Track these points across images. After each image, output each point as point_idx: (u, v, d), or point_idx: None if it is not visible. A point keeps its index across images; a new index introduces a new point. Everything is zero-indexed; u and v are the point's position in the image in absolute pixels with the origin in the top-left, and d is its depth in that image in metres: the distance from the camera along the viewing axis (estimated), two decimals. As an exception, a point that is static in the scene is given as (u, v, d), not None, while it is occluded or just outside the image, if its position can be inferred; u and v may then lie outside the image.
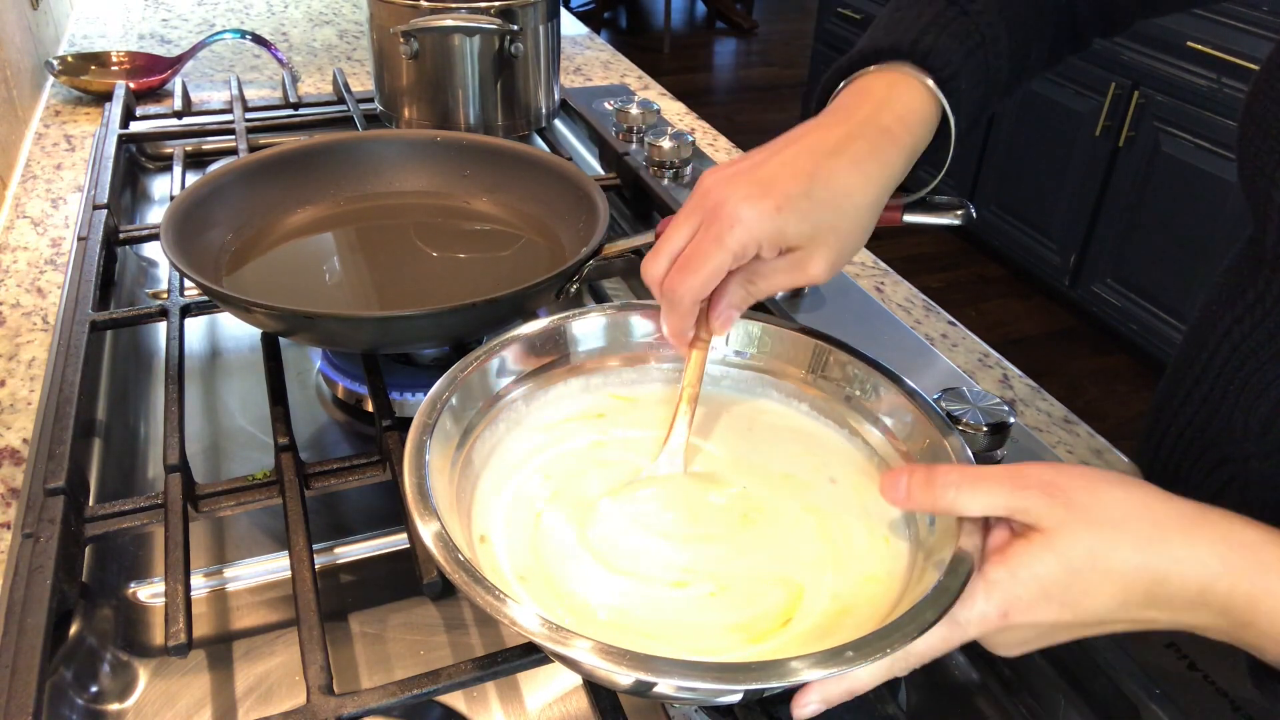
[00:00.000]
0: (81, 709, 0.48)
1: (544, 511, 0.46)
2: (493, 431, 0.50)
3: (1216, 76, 2.04)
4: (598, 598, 0.42)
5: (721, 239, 0.46)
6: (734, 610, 0.42)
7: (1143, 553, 0.37)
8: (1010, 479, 0.40)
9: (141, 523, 0.52)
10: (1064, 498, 0.39)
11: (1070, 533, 0.38)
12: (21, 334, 0.73)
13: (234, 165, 0.72)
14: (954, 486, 0.40)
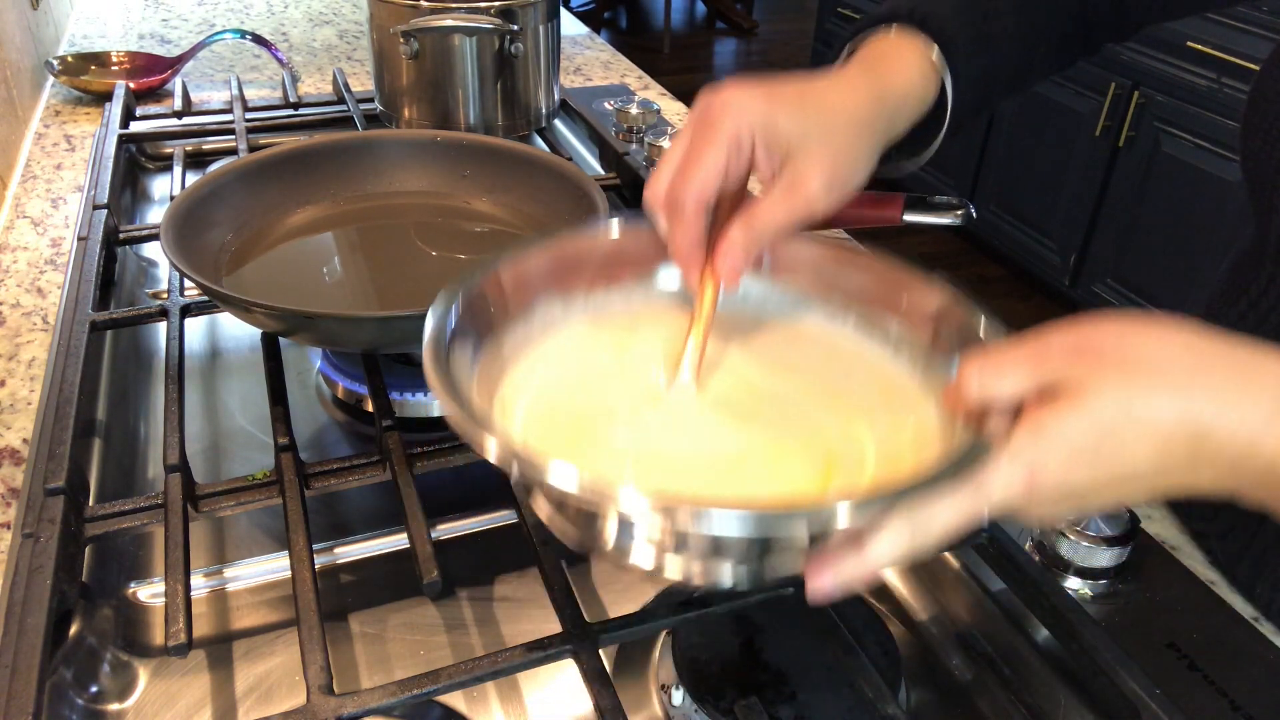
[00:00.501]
0: (81, 709, 0.48)
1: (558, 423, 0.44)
2: (525, 328, 0.48)
3: (1216, 76, 2.04)
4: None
5: (715, 129, 0.45)
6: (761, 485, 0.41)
7: (1184, 401, 0.34)
8: (1034, 356, 0.36)
9: (141, 523, 0.52)
10: (1092, 355, 0.35)
11: (1099, 389, 0.34)
12: (21, 334, 0.73)
13: (234, 165, 0.72)
14: (976, 374, 0.37)
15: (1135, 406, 0.34)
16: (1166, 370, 0.34)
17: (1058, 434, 0.35)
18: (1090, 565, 0.53)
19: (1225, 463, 0.34)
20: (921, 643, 0.55)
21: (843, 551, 0.36)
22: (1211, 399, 0.34)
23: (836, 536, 0.37)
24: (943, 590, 0.57)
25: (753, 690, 0.48)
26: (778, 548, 0.37)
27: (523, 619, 0.55)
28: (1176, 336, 0.35)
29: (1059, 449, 0.35)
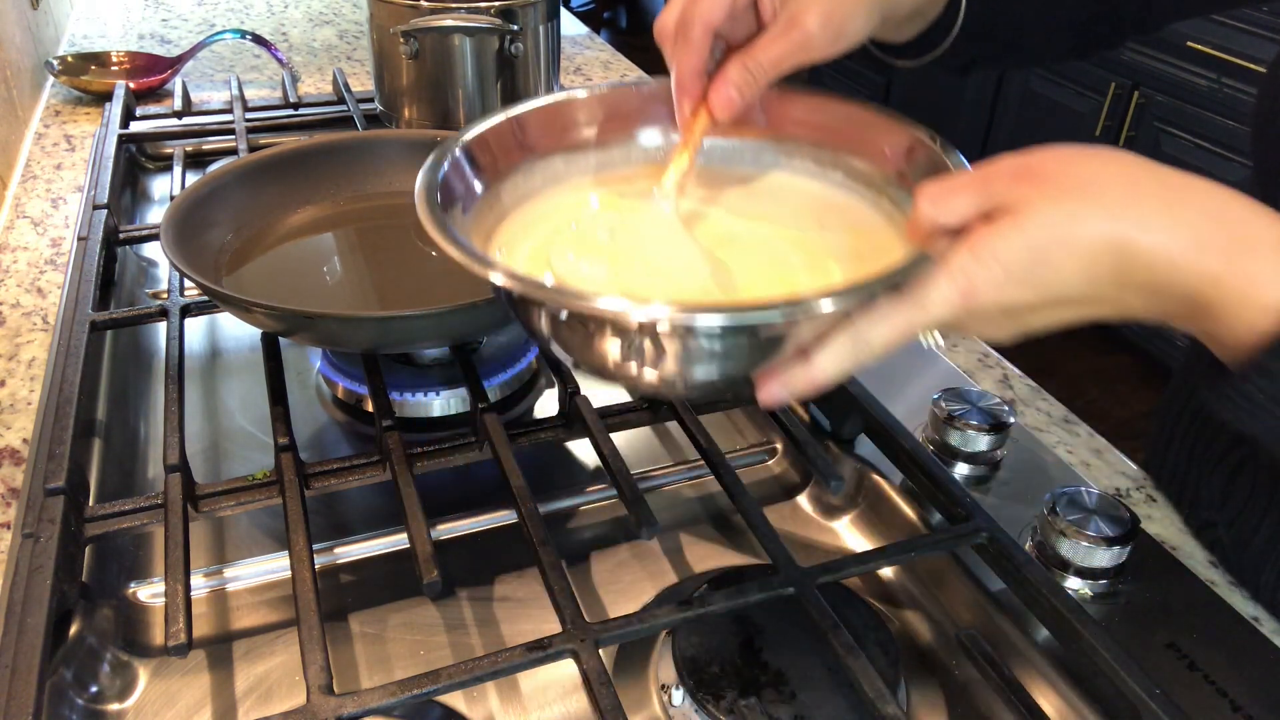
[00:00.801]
0: (81, 709, 0.48)
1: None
2: (527, 180, 0.50)
3: (1216, 76, 2.04)
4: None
5: None
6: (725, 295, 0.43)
7: (1113, 222, 0.35)
8: (980, 180, 0.38)
9: (141, 523, 0.52)
10: (1032, 177, 0.37)
11: (1035, 208, 0.36)
12: (21, 334, 0.73)
13: (234, 165, 0.72)
14: (928, 199, 0.38)
15: (1066, 226, 0.35)
16: (1099, 193, 0.35)
17: (993, 252, 0.36)
18: (1090, 565, 0.53)
19: (1149, 284, 0.36)
20: (921, 643, 0.55)
21: (791, 363, 0.39)
22: (1138, 221, 0.35)
23: (786, 350, 0.39)
24: (943, 590, 0.57)
25: (753, 690, 0.48)
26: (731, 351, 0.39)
27: (523, 619, 0.55)
28: (1114, 163, 0.36)
29: (994, 266, 0.36)
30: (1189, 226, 0.35)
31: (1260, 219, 0.35)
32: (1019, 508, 0.59)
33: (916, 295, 0.37)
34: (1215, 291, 0.35)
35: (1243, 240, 0.34)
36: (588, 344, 0.41)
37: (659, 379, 0.41)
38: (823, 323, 0.38)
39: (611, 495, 0.64)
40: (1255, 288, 0.34)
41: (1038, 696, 0.49)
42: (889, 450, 0.59)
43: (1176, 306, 0.36)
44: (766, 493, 0.66)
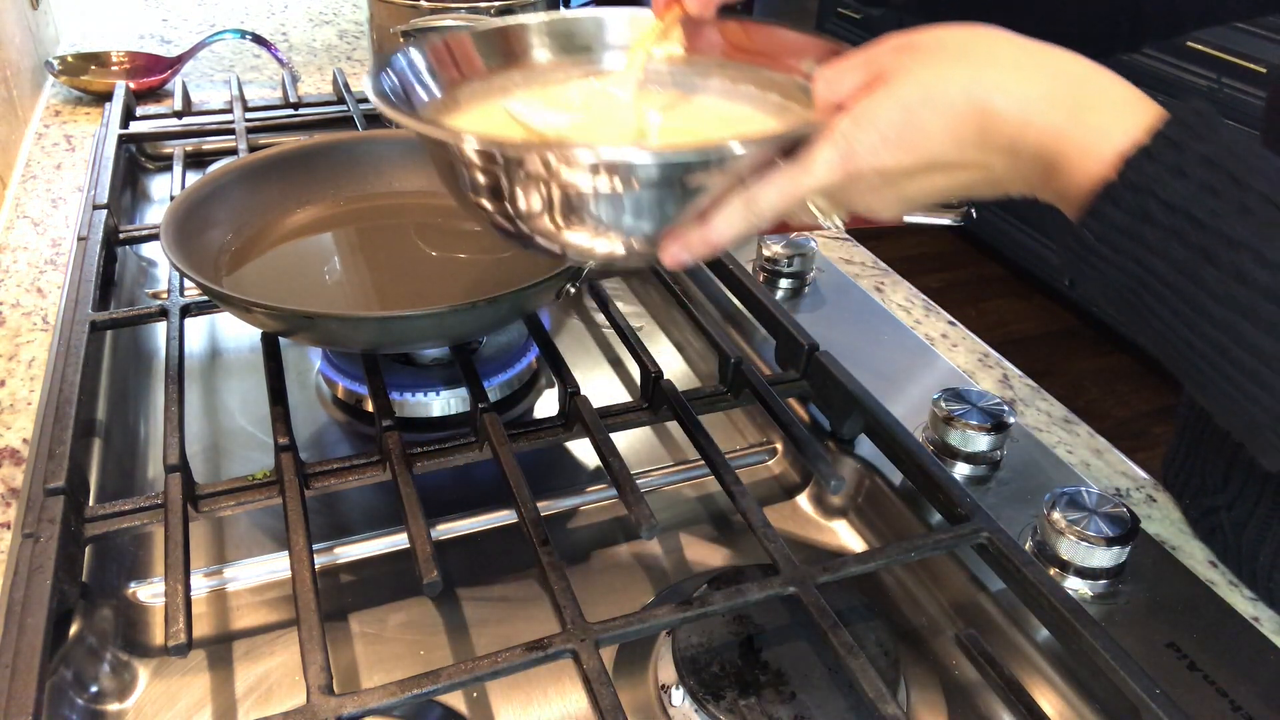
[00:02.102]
0: (81, 709, 0.48)
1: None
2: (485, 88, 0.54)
3: (1216, 76, 2.04)
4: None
5: None
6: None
7: (974, 83, 0.37)
8: (865, 55, 0.41)
9: (141, 523, 0.52)
10: (909, 48, 0.39)
11: (907, 73, 0.38)
12: (21, 334, 0.73)
13: (234, 165, 0.72)
14: (822, 78, 0.41)
15: (933, 87, 0.38)
16: (964, 58, 0.38)
17: (870, 116, 0.39)
18: (1090, 565, 0.53)
19: (1008, 145, 0.38)
20: (921, 643, 0.55)
21: (690, 226, 0.42)
22: (996, 82, 0.37)
23: (686, 216, 0.42)
24: (943, 590, 0.57)
25: (753, 690, 0.48)
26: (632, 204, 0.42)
27: (523, 619, 0.55)
28: (983, 34, 0.39)
29: (870, 131, 0.38)
30: (1040, 86, 0.37)
31: (1103, 78, 0.37)
32: (1019, 508, 0.59)
33: (802, 160, 0.40)
34: (1060, 145, 0.37)
35: (1087, 97, 0.37)
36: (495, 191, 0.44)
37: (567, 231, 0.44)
38: (718, 186, 0.42)
39: (611, 495, 0.64)
40: (1095, 140, 0.36)
41: (1038, 696, 0.49)
42: (889, 450, 0.59)
43: (1031, 166, 0.38)
44: (766, 493, 0.66)
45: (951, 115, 0.38)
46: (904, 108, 0.38)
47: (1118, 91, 0.37)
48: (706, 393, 0.65)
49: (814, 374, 0.65)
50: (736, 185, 0.42)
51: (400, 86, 0.50)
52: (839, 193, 0.41)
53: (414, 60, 0.51)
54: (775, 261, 0.81)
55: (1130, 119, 0.36)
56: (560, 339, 0.80)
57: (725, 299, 0.78)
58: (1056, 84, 0.37)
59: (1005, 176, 0.39)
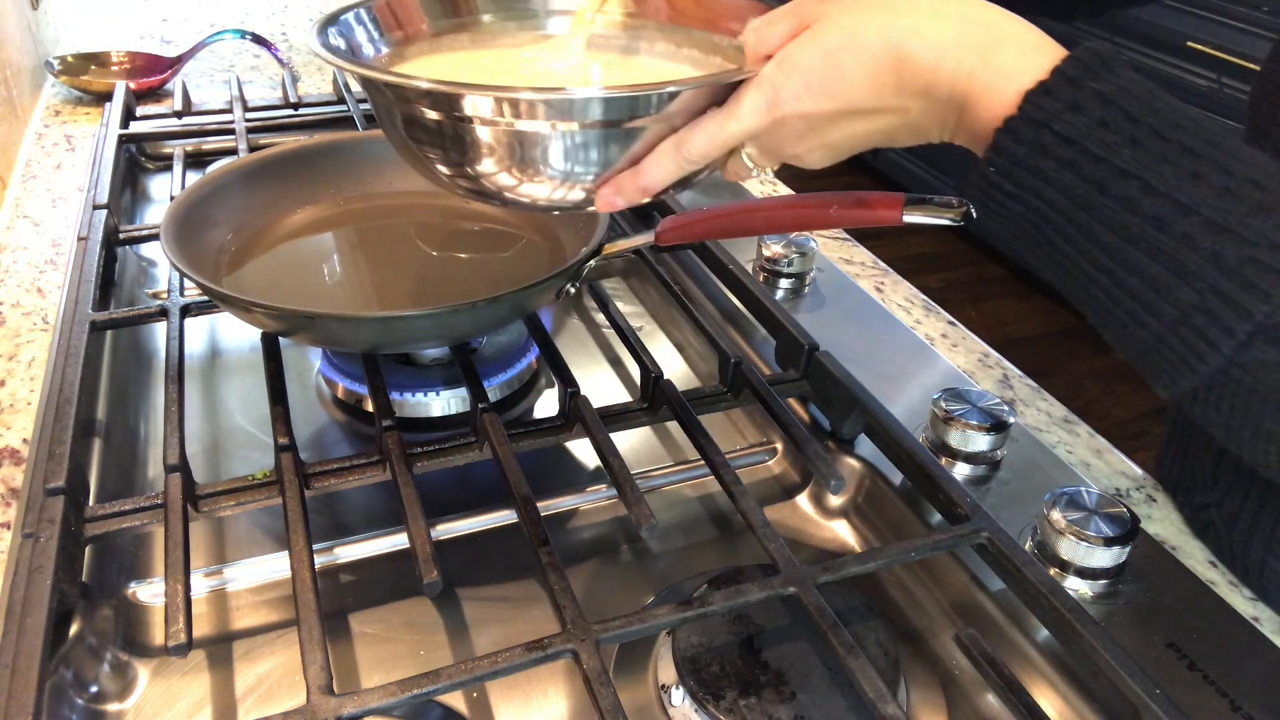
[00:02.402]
0: (81, 709, 0.48)
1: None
2: (434, 47, 0.56)
3: (1216, 76, 2.04)
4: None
5: None
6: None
7: (890, 29, 0.39)
8: (793, 5, 0.42)
9: (141, 523, 0.52)
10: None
11: (829, 21, 0.40)
12: (21, 334, 0.73)
13: (234, 165, 0.72)
14: (754, 30, 0.43)
15: (852, 32, 0.39)
16: (884, 4, 0.40)
17: (793, 62, 0.40)
18: (1090, 565, 0.53)
19: (923, 87, 0.39)
20: (921, 643, 0.55)
21: (623, 171, 0.44)
22: (911, 24, 0.39)
23: (620, 161, 0.45)
24: (943, 590, 0.57)
25: (753, 690, 0.48)
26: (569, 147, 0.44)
27: (523, 619, 0.55)
28: None
29: (794, 76, 0.40)
30: (952, 30, 0.38)
31: (1013, 23, 0.39)
32: (1019, 508, 0.59)
33: (730, 105, 0.42)
34: (970, 86, 0.38)
35: (996, 40, 0.38)
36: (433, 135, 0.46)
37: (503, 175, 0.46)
38: (651, 132, 0.44)
39: (611, 495, 0.64)
40: (1003, 80, 0.37)
41: (1038, 696, 0.49)
42: (889, 450, 0.59)
43: (945, 108, 0.40)
44: (766, 493, 0.66)
45: (869, 59, 0.39)
46: (825, 53, 0.40)
47: (1026, 35, 0.39)
48: (706, 393, 0.65)
49: (814, 374, 0.65)
50: (668, 132, 0.44)
51: (346, 44, 0.52)
52: (767, 139, 0.43)
53: (361, 18, 0.53)
54: (775, 261, 0.81)
55: (1034, 59, 0.37)
56: (560, 339, 0.80)
57: (725, 299, 0.78)
58: (968, 28, 0.38)
59: (922, 120, 0.41)
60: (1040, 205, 0.37)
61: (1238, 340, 0.34)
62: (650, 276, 0.78)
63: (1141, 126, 0.35)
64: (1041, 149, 0.36)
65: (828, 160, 0.44)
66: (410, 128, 0.47)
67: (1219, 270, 0.34)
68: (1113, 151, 0.35)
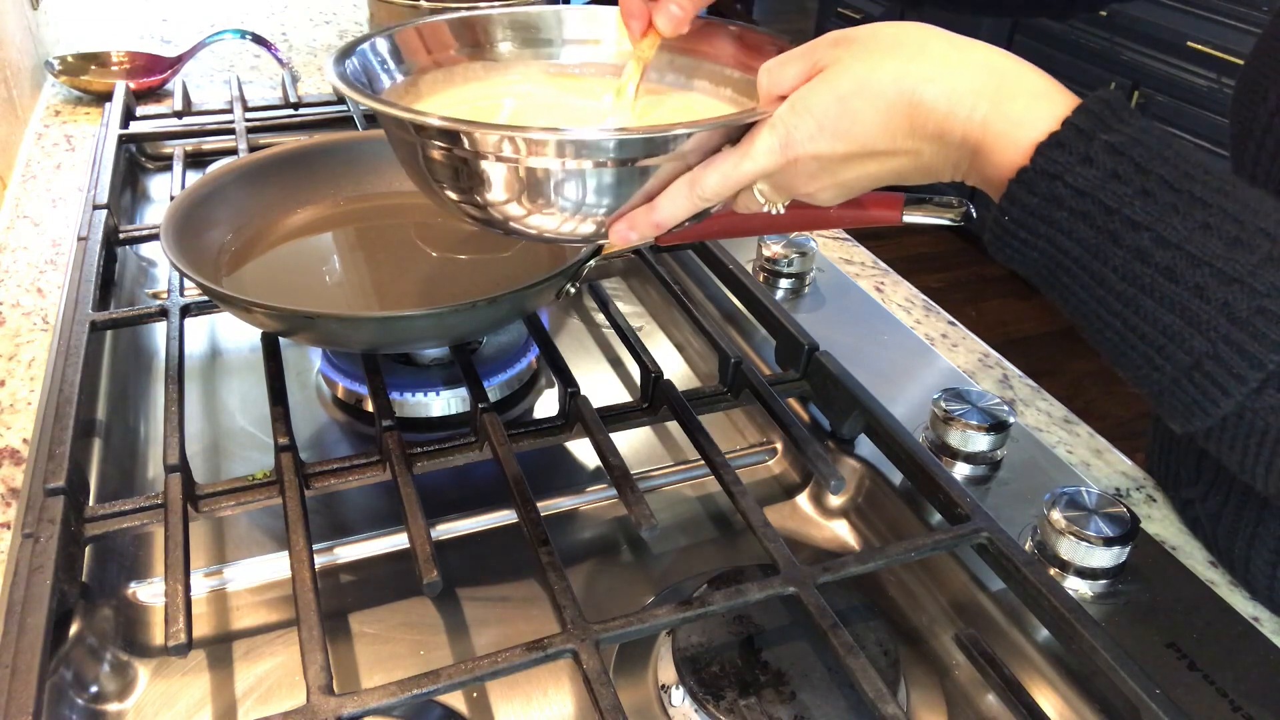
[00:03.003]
0: (81, 709, 0.48)
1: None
2: (448, 77, 0.57)
3: (1216, 76, 2.04)
4: None
5: None
6: None
7: (903, 75, 0.40)
8: (805, 48, 0.43)
9: (141, 523, 0.52)
10: (846, 42, 0.42)
11: (842, 65, 0.41)
12: (21, 334, 0.73)
13: (234, 165, 0.72)
14: (766, 71, 0.44)
15: (866, 77, 0.40)
16: (896, 50, 0.41)
17: (806, 105, 0.41)
18: (1090, 565, 0.53)
19: (936, 132, 0.40)
20: (921, 643, 0.55)
21: (637, 207, 0.46)
22: (924, 71, 0.40)
23: (635, 198, 0.46)
24: (943, 590, 0.57)
25: (753, 690, 0.48)
26: (588, 184, 0.45)
27: (523, 619, 0.55)
28: (914, 29, 0.41)
29: (808, 118, 0.41)
30: (965, 78, 0.39)
31: (1025, 72, 0.40)
32: (1019, 508, 0.59)
33: (744, 146, 0.43)
34: (984, 134, 0.39)
35: (1008, 88, 0.39)
36: (452, 171, 0.47)
37: (522, 211, 0.47)
38: (666, 171, 0.45)
39: (611, 495, 0.64)
40: (1015, 128, 0.38)
41: (1038, 696, 0.49)
42: (889, 450, 0.59)
43: (958, 153, 0.40)
44: (766, 493, 0.66)
45: (883, 104, 0.40)
46: (838, 97, 0.41)
47: (1037, 83, 0.39)
48: (706, 393, 0.65)
49: (814, 374, 0.65)
50: (683, 169, 0.45)
51: (363, 73, 0.52)
52: (779, 178, 0.44)
53: (378, 48, 0.54)
54: (775, 261, 0.81)
55: (1046, 109, 0.38)
56: (560, 339, 0.80)
57: (725, 299, 0.78)
58: (981, 77, 0.39)
59: (934, 163, 0.42)
60: (1054, 252, 0.38)
61: (1250, 387, 0.35)
62: (650, 276, 0.78)
63: (1152, 177, 0.36)
64: (1055, 200, 0.37)
65: (839, 198, 0.45)
66: (430, 165, 0.48)
67: (1230, 320, 0.35)
68: (1124, 203, 0.36)
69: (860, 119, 0.40)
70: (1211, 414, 0.37)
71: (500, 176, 0.45)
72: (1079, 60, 2.39)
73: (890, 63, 0.40)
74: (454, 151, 0.45)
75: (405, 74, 0.55)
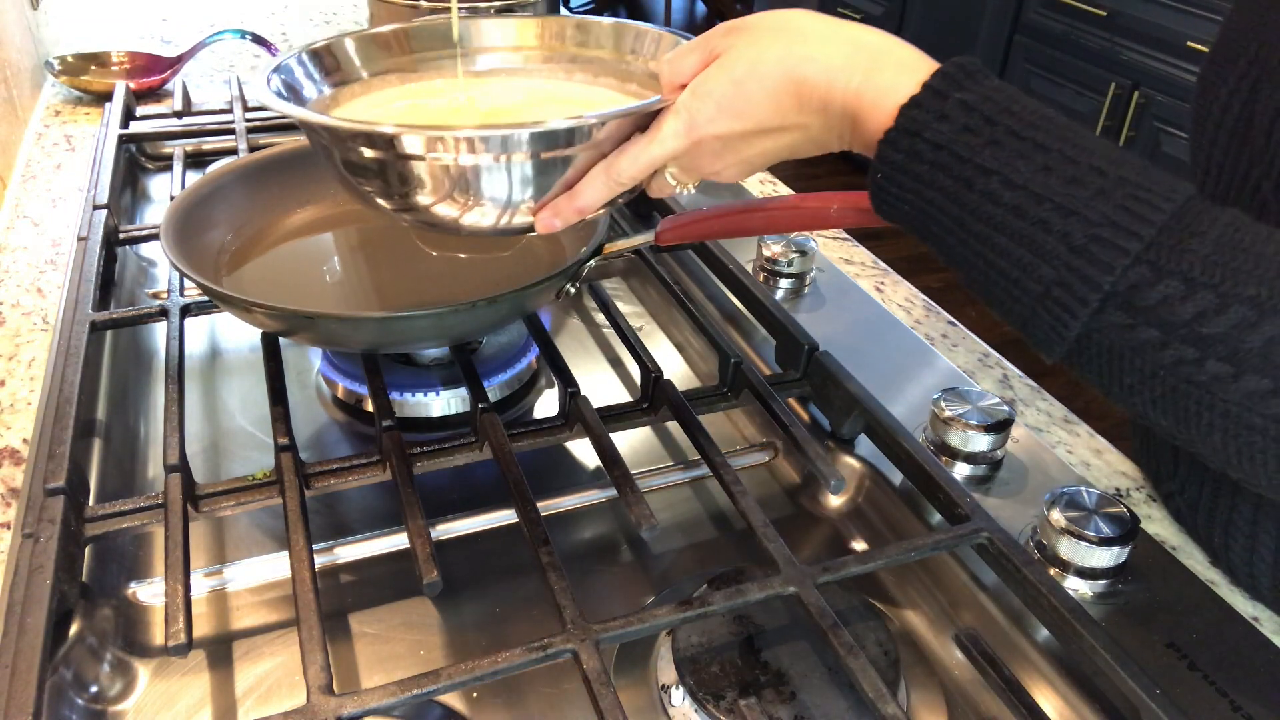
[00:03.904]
0: (81, 709, 0.48)
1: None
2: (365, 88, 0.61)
3: (1216, 76, 2.04)
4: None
5: None
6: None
7: (787, 56, 0.44)
8: (702, 38, 0.47)
9: (141, 523, 0.52)
10: (738, 30, 0.46)
11: (735, 51, 0.45)
12: (21, 334, 0.73)
13: (234, 165, 0.72)
14: (666, 62, 0.48)
15: (755, 61, 0.44)
16: (780, 34, 0.44)
17: (706, 89, 0.45)
18: (1090, 565, 0.53)
19: (818, 104, 0.44)
20: (922, 643, 0.55)
21: (560, 196, 0.49)
22: (804, 51, 0.44)
23: (556, 187, 0.49)
24: (943, 590, 0.57)
25: (753, 690, 0.48)
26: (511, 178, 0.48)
27: (523, 619, 0.55)
28: (800, 15, 0.45)
29: (707, 101, 0.45)
30: (841, 55, 0.43)
31: (894, 45, 0.43)
32: (1019, 508, 0.59)
33: (652, 131, 0.47)
34: (859, 102, 0.43)
35: (877, 59, 0.43)
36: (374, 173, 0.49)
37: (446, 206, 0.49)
38: (583, 159, 0.48)
39: (611, 495, 0.64)
40: (883, 96, 0.42)
41: (1038, 696, 0.49)
42: (889, 450, 0.59)
43: (840, 123, 0.44)
44: (766, 493, 0.66)
45: (772, 84, 0.44)
46: (733, 80, 0.44)
47: (904, 55, 0.43)
48: (706, 393, 0.65)
49: (814, 374, 0.65)
50: (598, 158, 0.48)
51: (291, 89, 0.56)
52: (686, 159, 0.48)
53: (304, 61, 0.58)
54: (775, 261, 0.81)
55: (910, 76, 0.41)
56: (560, 339, 0.80)
57: (725, 299, 0.78)
58: (854, 52, 0.43)
59: (822, 134, 0.45)
60: (921, 204, 0.42)
61: (1091, 308, 0.38)
62: (650, 276, 0.78)
63: (1000, 128, 0.40)
64: (916, 155, 0.41)
65: (743, 175, 0.49)
66: (351, 168, 0.50)
67: (1070, 249, 0.38)
68: (975, 152, 0.40)
69: (753, 99, 0.44)
70: (1065, 337, 0.40)
71: (425, 178, 0.48)
72: (1079, 60, 2.39)
73: (775, 46, 0.44)
74: (374, 156, 0.48)
75: (328, 87, 0.59)
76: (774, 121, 0.45)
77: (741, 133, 0.46)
